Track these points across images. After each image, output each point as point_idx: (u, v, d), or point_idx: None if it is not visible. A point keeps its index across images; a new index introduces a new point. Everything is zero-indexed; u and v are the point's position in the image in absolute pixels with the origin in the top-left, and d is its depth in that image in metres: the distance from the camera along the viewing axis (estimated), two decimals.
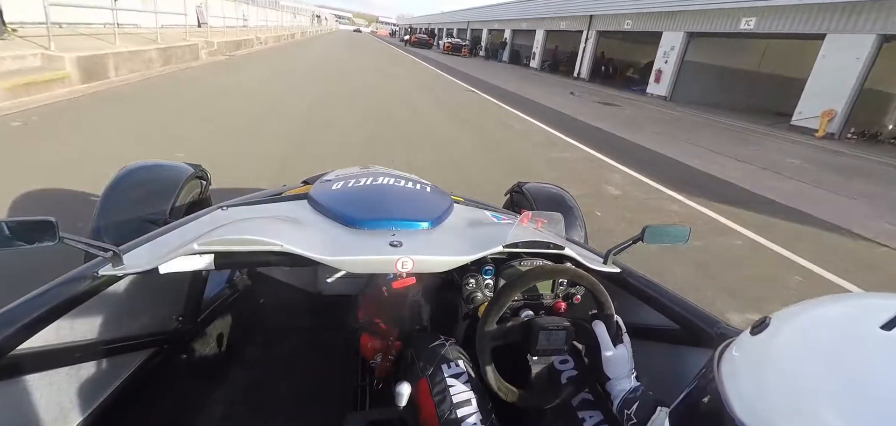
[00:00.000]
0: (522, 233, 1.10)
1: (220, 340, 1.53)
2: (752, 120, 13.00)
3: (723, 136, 9.75)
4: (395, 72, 15.48)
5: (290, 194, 1.39)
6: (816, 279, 3.32)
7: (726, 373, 0.54)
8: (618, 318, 1.03)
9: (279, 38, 23.56)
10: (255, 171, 3.98)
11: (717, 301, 2.80)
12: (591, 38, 21.43)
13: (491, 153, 5.87)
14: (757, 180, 5.97)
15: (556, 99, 12.66)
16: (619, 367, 0.97)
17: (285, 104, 7.24)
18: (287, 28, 30.65)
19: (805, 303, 0.55)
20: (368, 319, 1.37)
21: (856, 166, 7.89)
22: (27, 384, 0.84)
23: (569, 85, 18.07)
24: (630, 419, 0.88)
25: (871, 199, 5.70)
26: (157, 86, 7.41)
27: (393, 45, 39.65)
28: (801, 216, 4.69)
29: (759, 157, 7.68)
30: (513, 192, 2.20)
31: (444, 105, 9.47)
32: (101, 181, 1.67)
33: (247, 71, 10.88)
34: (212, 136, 4.95)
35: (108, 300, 0.98)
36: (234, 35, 15.77)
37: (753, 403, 0.48)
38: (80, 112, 5.16)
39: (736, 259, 3.50)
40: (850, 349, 0.46)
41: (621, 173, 5.63)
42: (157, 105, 6.01)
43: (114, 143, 4.23)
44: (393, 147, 5.58)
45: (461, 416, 0.93)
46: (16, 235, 0.74)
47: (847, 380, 0.43)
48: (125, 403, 1.10)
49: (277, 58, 15.17)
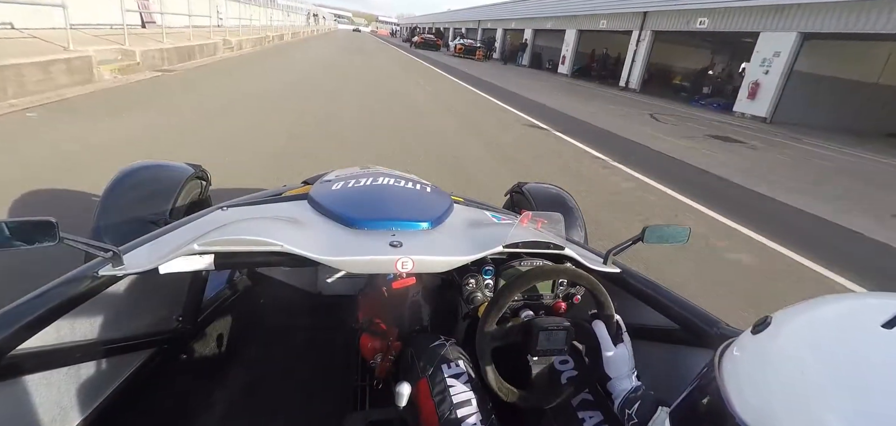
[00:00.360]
0: (522, 234, 1.11)
1: (220, 340, 1.53)
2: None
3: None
4: (410, 89, 11.10)
5: (290, 194, 1.39)
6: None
7: (727, 372, 0.54)
8: (618, 318, 1.03)
9: (262, 40, 19.31)
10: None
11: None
12: (644, 39, 17.37)
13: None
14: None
15: (638, 127, 9.27)
16: (619, 367, 0.97)
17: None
18: (276, 28, 26.24)
19: (806, 302, 0.55)
20: (368, 319, 1.37)
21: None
22: (27, 384, 0.84)
23: (623, 99, 14.74)
24: (631, 419, 0.88)
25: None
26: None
27: (396, 47, 35.11)
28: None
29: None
30: (513, 192, 2.20)
31: (485, 137, 6.66)
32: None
33: (154, 110, 5.67)
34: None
35: (108, 300, 0.98)
36: (189, 38, 11.20)
37: (754, 403, 0.48)
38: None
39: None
40: (852, 348, 0.45)
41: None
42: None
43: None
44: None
45: (461, 416, 0.93)
46: (16, 235, 0.74)
47: (848, 380, 0.43)
48: (125, 403, 1.10)
49: (246, 72, 10.81)
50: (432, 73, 16.82)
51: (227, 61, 12.24)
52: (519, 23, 29.31)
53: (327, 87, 9.49)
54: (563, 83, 18.89)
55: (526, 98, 12.02)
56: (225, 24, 16.70)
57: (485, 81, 15.09)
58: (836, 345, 0.46)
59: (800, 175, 6.80)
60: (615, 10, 18.80)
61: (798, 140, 10.31)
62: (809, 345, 0.48)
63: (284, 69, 12.54)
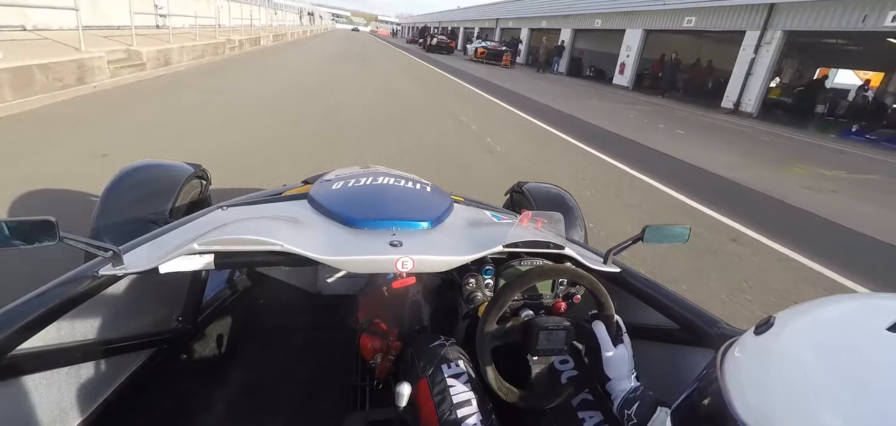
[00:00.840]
0: (522, 233, 1.10)
1: (220, 340, 1.53)
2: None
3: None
4: (457, 139, 6.26)
5: (290, 194, 1.39)
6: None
7: (729, 372, 0.53)
8: (618, 318, 1.03)
9: (219, 48, 12.53)
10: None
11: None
12: (772, 41, 12.08)
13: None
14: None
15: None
16: (619, 368, 0.97)
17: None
18: (257, 27, 19.76)
19: (811, 302, 0.54)
20: (368, 319, 1.37)
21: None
22: (27, 384, 0.84)
23: (755, 135, 10.23)
24: (630, 419, 0.88)
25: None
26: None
27: (403, 50, 28.80)
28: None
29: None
30: (513, 191, 2.20)
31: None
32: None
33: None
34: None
35: (108, 300, 0.98)
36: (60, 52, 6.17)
37: (755, 404, 0.47)
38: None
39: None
40: (855, 351, 0.45)
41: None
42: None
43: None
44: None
45: (461, 417, 0.93)
46: (15, 235, 0.74)
47: (851, 384, 0.42)
48: (125, 403, 1.10)
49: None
50: (465, 91, 12.02)
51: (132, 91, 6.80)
52: (552, 21, 23.88)
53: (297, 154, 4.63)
54: (628, 98, 14.63)
55: (605, 130, 8.38)
56: (169, 22, 10.85)
57: (543, 106, 10.60)
58: (840, 348, 0.46)
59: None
60: (721, 2, 13.06)
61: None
62: (812, 346, 0.47)
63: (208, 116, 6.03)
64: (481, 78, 15.56)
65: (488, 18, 34.03)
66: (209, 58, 11.55)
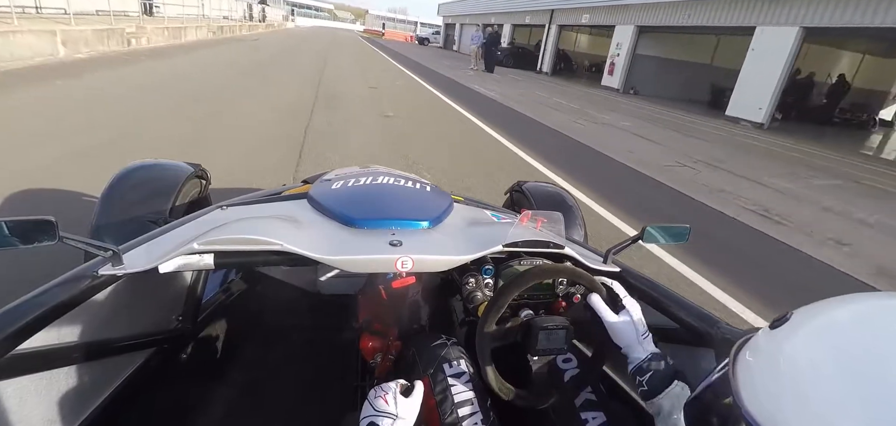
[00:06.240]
0: (522, 233, 1.10)
1: (219, 340, 1.53)
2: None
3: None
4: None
5: (289, 193, 1.38)
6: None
7: (741, 369, 0.52)
8: (612, 284, 1.02)
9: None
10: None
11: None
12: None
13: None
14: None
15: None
16: (626, 334, 0.94)
17: None
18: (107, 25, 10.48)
19: (830, 300, 0.53)
20: (368, 319, 1.37)
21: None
22: (27, 384, 0.84)
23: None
24: (641, 385, 0.86)
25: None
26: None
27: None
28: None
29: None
30: (512, 191, 2.20)
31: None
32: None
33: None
34: None
35: (108, 300, 0.98)
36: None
37: (766, 402, 0.46)
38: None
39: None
40: (871, 353, 0.43)
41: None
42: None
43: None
44: None
45: (462, 416, 0.93)
46: (14, 235, 0.74)
47: (865, 387, 0.41)
48: (125, 403, 1.10)
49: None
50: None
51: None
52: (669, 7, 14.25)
53: None
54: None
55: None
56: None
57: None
58: (854, 350, 0.44)
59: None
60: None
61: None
62: (827, 346, 0.46)
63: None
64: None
65: (540, 8, 21.86)
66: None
